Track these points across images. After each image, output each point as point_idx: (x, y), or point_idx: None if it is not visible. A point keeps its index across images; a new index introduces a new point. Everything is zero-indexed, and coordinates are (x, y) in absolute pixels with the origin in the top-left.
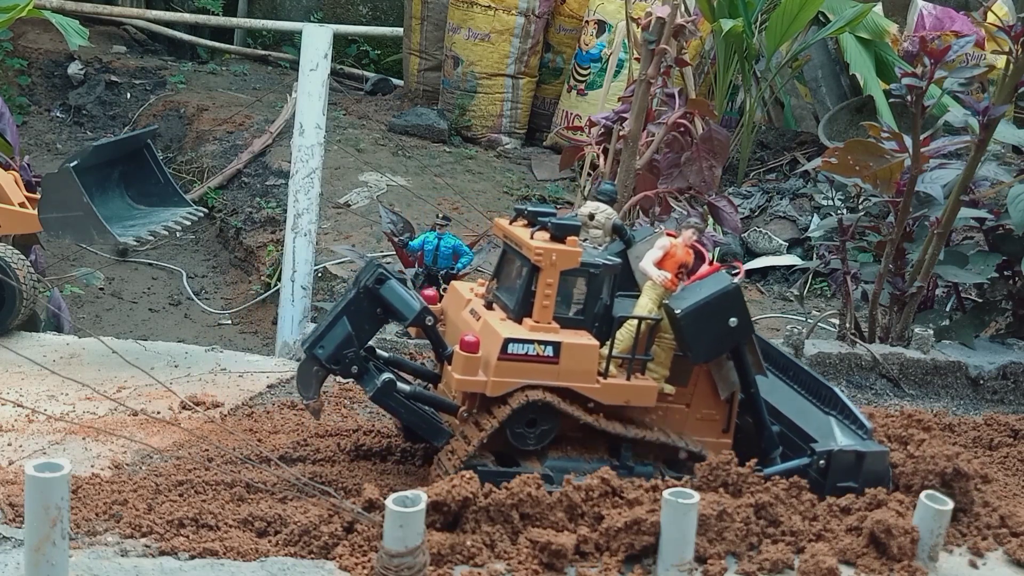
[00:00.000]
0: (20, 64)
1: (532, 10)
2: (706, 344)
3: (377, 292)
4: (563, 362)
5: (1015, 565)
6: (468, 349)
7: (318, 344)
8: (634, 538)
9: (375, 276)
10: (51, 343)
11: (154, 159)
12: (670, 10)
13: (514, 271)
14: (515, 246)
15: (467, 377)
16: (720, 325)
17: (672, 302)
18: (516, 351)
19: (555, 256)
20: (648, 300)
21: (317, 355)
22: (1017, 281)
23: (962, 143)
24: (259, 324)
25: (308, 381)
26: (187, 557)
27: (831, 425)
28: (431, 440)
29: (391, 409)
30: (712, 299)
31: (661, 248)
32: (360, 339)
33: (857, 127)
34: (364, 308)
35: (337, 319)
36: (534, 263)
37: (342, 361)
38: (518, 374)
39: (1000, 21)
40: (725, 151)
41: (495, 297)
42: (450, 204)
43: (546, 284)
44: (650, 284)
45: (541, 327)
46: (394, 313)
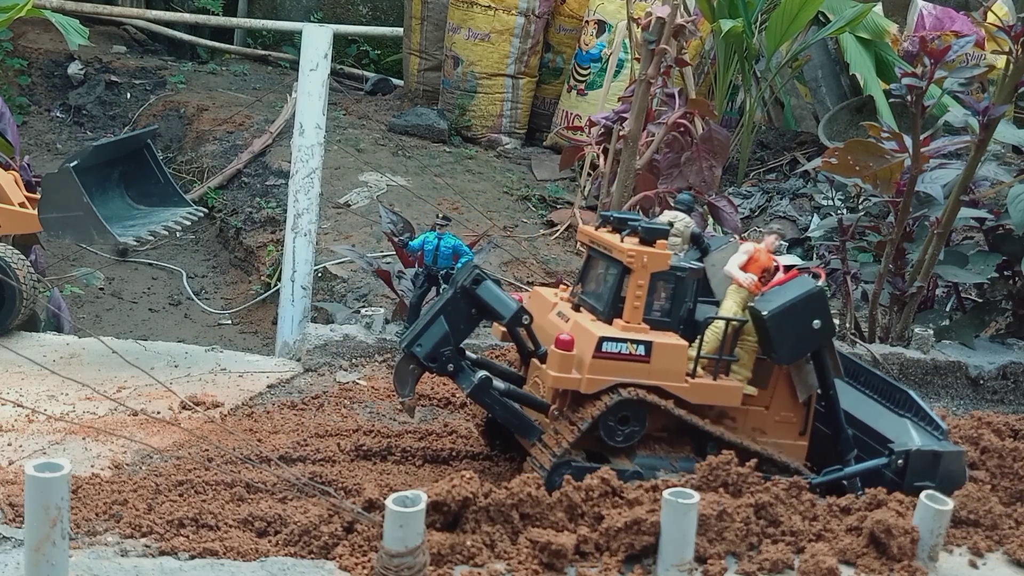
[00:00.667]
0: (20, 64)
1: (532, 10)
2: (790, 346)
3: (474, 292)
4: (654, 361)
5: (1015, 565)
6: (563, 347)
7: (416, 343)
8: (634, 538)
9: (472, 276)
10: (51, 343)
11: (154, 159)
12: (670, 10)
13: (601, 275)
14: (604, 250)
15: (562, 374)
16: (804, 327)
17: (757, 304)
18: (610, 349)
19: (646, 258)
20: (732, 303)
21: (415, 353)
22: (1017, 281)
23: (962, 143)
24: (259, 324)
25: (404, 379)
26: (187, 557)
27: (907, 427)
28: (522, 436)
29: (486, 406)
30: (798, 301)
31: (745, 252)
32: (456, 338)
33: (857, 127)
34: (460, 308)
35: (434, 318)
36: (626, 265)
37: (439, 359)
38: (611, 372)
39: (1000, 21)
40: (725, 151)
41: (581, 300)
42: (450, 204)
43: (637, 286)
44: (734, 288)
45: (632, 327)
46: (490, 312)
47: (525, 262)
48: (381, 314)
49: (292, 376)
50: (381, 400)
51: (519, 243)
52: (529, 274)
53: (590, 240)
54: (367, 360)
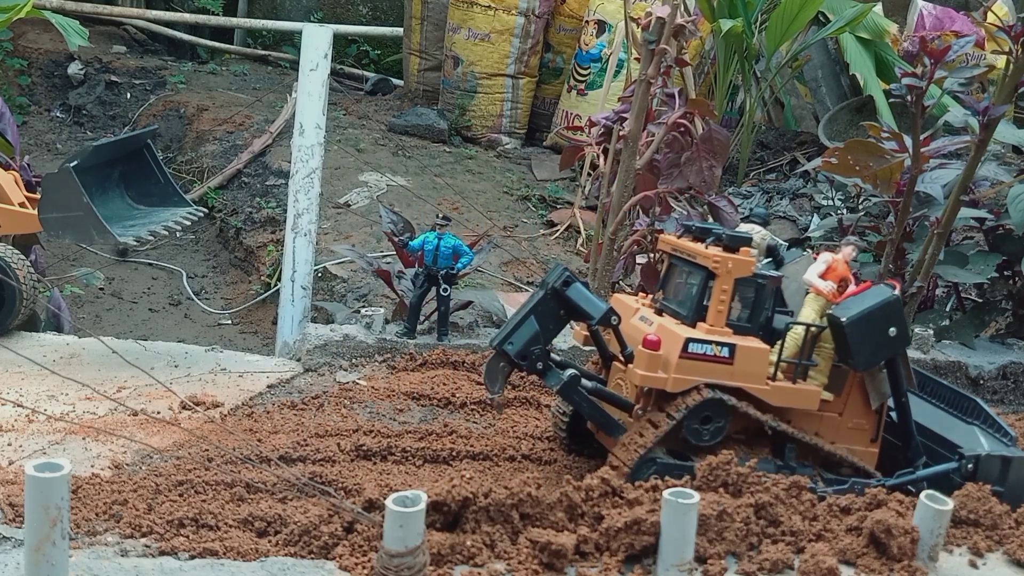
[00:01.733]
0: (20, 64)
1: (532, 10)
2: (867, 352)
3: (564, 293)
4: (737, 363)
5: (1015, 565)
6: (651, 347)
7: (507, 341)
8: (634, 538)
9: (563, 278)
10: (51, 343)
11: (154, 159)
12: (670, 10)
13: (683, 281)
14: (687, 256)
15: (649, 373)
16: (881, 334)
17: (836, 312)
18: (695, 350)
19: (731, 264)
20: (811, 310)
21: (506, 351)
22: (1017, 281)
23: (962, 143)
24: (259, 324)
25: (495, 376)
26: (187, 557)
27: (975, 433)
28: (609, 433)
29: (574, 403)
30: (875, 309)
31: (824, 262)
32: (545, 337)
33: (857, 127)
34: (550, 308)
35: (525, 318)
36: (711, 270)
37: (529, 357)
38: (696, 372)
39: (1000, 21)
40: (725, 151)
41: (664, 306)
42: (450, 204)
43: (721, 290)
44: (812, 296)
45: (716, 330)
46: (580, 313)
47: (525, 262)
48: (381, 314)
49: (292, 376)
50: (381, 400)
51: (519, 243)
52: (529, 274)
53: (672, 248)
54: (367, 360)
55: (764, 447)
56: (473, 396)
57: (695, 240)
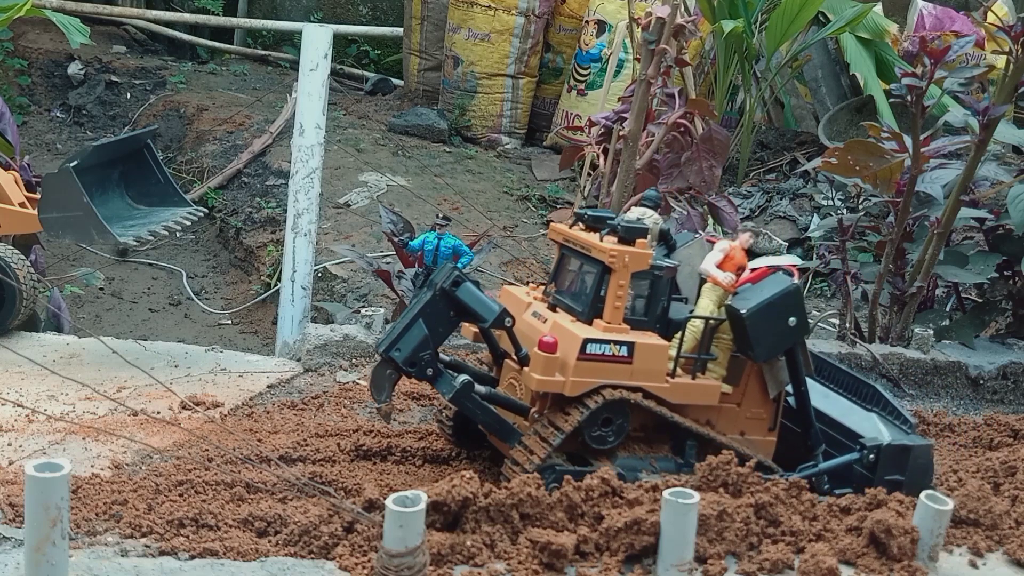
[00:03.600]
0: (20, 64)
1: (532, 10)
2: (768, 343)
3: (454, 294)
4: (636, 362)
5: (1015, 565)
6: (547, 349)
7: (394, 347)
8: (634, 538)
9: (452, 278)
10: (51, 343)
11: (154, 159)
12: (670, 10)
13: (577, 274)
14: (581, 249)
15: (546, 377)
16: (781, 324)
17: (735, 303)
18: (594, 351)
19: (628, 258)
20: (708, 301)
21: (393, 358)
22: (1017, 281)
23: (962, 143)
24: (259, 324)
25: (381, 384)
26: (187, 557)
27: (875, 421)
28: (503, 440)
29: (468, 410)
30: (776, 299)
31: (721, 251)
32: (435, 341)
33: (857, 127)
34: (440, 310)
35: (413, 322)
36: (608, 265)
37: (418, 363)
38: (595, 374)
39: (1000, 21)
40: (725, 151)
41: (557, 300)
42: (450, 204)
43: (618, 285)
44: (709, 286)
45: (613, 328)
46: (472, 315)
47: (525, 262)
48: (381, 314)
49: (292, 376)
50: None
51: (519, 243)
52: (529, 274)
53: (564, 238)
54: (367, 360)
55: (664, 444)
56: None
57: (588, 230)
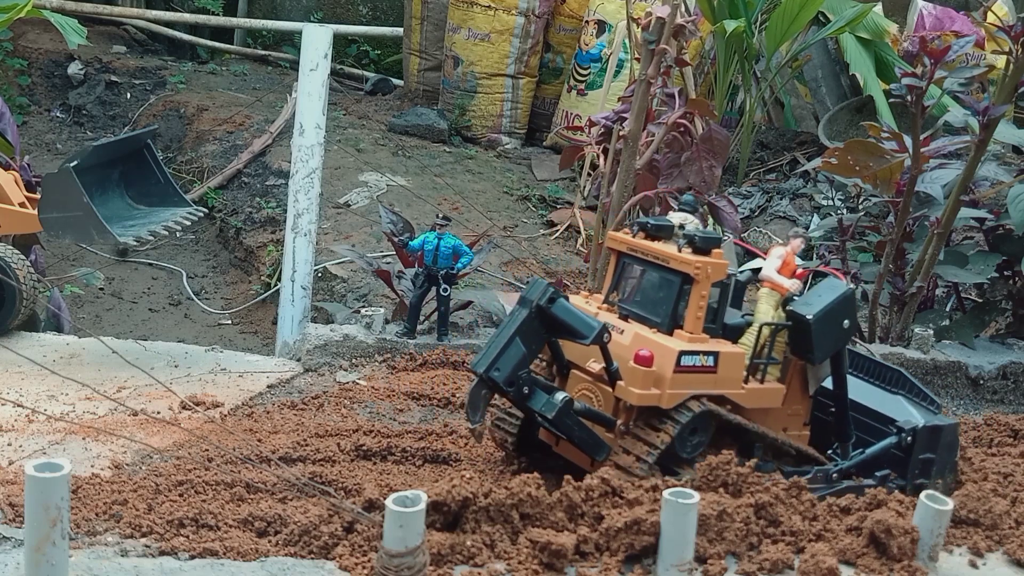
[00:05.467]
0: (20, 64)
1: (532, 10)
2: (826, 346)
3: (550, 311)
4: (720, 371)
5: (1015, 565)
6: (644, 363)
7: (493, 367)
8: (634, 538)
9: (548, 295)
10: (51, 343)
11: (154, 159)
12: (670, 10)
13: (648, 284)
14: (653, 259)
15: (644, 391)
16: (838, 327)
17: (797, 308)
18: (687, 363)
19: (710, 269)
20: (768, 307)
21: (494, 378)
22: (1017, 281)
23: (962, 143)
24: (259, 324)
25: (477, 404)
26: (187, 557)
27: (903, 404)
28: (594, 455)
29: (565, 427)
30: (835, 304)
31: (779, 257)
32: (531, 360)
33: (857, 127)
34: (535, 328)
35: (510, 340)
36: (692, 276)
37: (516, 383)
38: (686, 385)
39: (1000, 21)
40: (725, 151)
41: (627, 310)
42: (450, 204)
43: (700, 296)
44: (766, 291)
45: (696, 338)
46: (569, 331)
47: (525, 262)
48: (381, 314)
49: (292, 376)
50: (381, 400)
51: (519, 243)
52: (529, 274)
53: (628, 248)
54: (367, 360)
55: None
56: None
57: (649, 238)
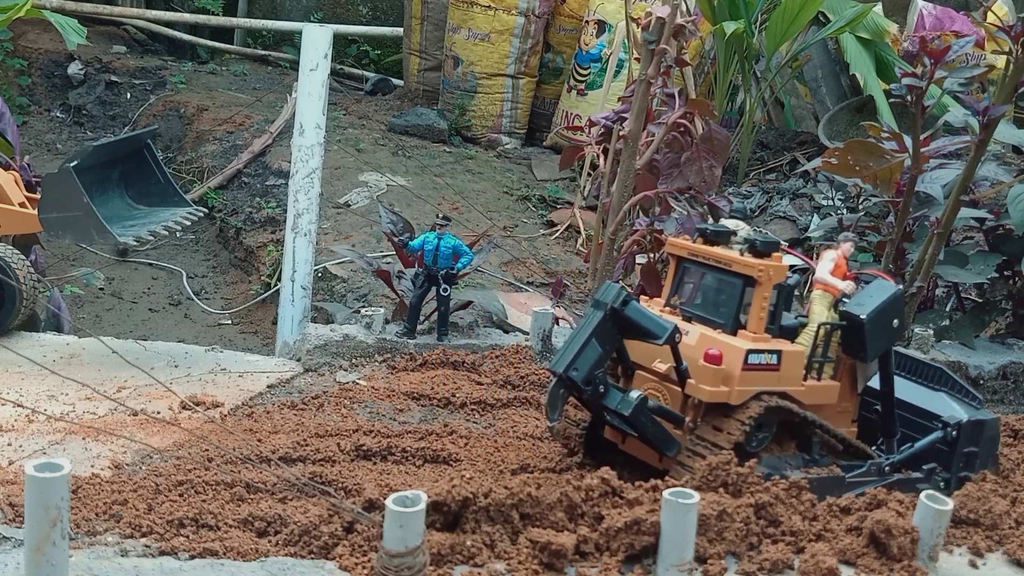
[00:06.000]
0: (20, 64)
1: (532, 10)
2: (877, 345)
3: (623, 313)
4: (783, 368)
5: (1015, 565)
6: (713, 361)
7: (572, 367)
8: (634, 538)
9: (621, 298)
10: (51, 343)
11: (154, 159)
12: (670, 10)
13: (709, 287)
14: (715, 263)
15: (714, 388)
16: (888, 326)
17: (851, 308)
18: (754, 361)
19: (772, 271)
20: (822, 307)
21: (572, 377)
22: (1017, 281)
23: (962, 143)
24: (259, 324)
25: (556, 403)
26: (187, 557)
27: (946, 399)
28: (665, 450)
29: (640, 424)
30: (886, 303)
31: (831, 260)
32: (606, 359)
33: (857, 127)
34: (609, 329)
35: (587, 342)
36: (755, 279)
37: (593, 382)
38: (752, 382)
39: (1000, 21)
40: (725, 151)
41: (690, 313)
42: (450, 204)
43: (762, 297)
44: (819, 293)
45: (760, 338)
46: (642, 332)
47: (525, 262)
48: (381, 314)
49: (292, 376)
50: (381, 400)
51: (519, 243)
52: (529, 274)
53: (688, 253)
54: (367, 360)
55: (791, 443)
56: (473, 396)
57: (707, 243)
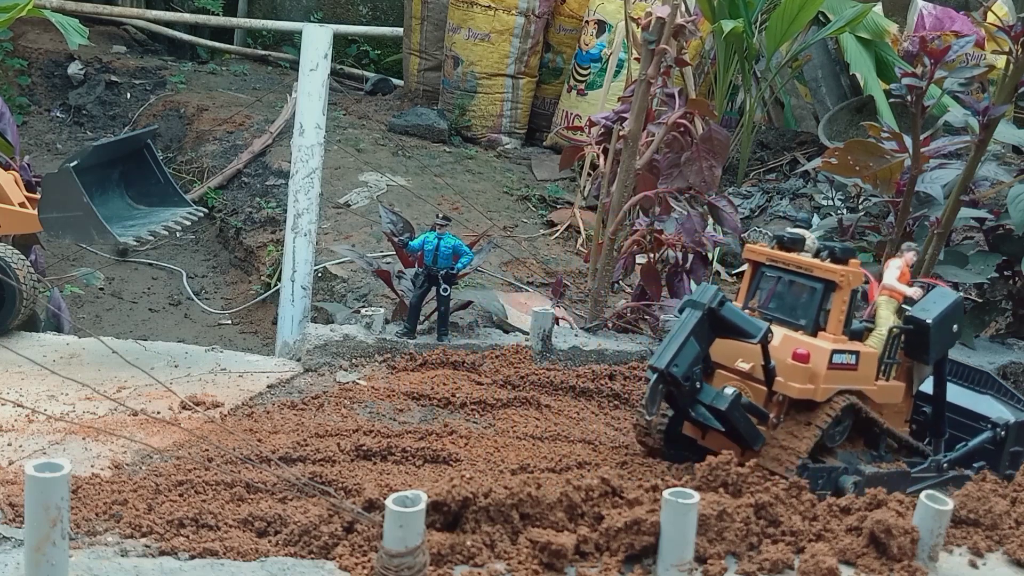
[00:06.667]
0: (20, 64)
1: (532, 10)
2: (939, 348)
3: (719, 313)
4: (860, 368)
5: (1015, 565)
6: (801, 360)
7: (672, 363)
8: (634, 538)
9: (718, 299)
10: (51, 343)
11: (154, 159)
12: (670, 10)
13: (789, 291)
14: (796, 268)
15: (802, 385)
16: (949, 331)
17: (917, 313)
18: (837, 361)
19: (851, 277)
20: (889, 313)
21: (673, 373)
22: (1017, 281)
23: (962, 143)
24: (259, 324)
25: (655, 398)
26: (187, 557)
27: (992, 402)
28: (751, 444)
29: (734, 419)
30: (948, 309)
31: (897, 268)
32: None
33: (857, 127)
34: (705, 329)
35: (686, 340)
36: (837, 283)
37: (691, 378)
38: (835, 381)
39: (1000, 21)
40: (725, 151)
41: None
42: (450, 204)
43: (842, 301)
44: (884, 299)
45: (839, 339)
46: (737, 332)
47: (525, 262)
48: (381, 314)
49: (292, 376)
50: (381, 400)
51: (519, 243)
52: (529, 274)
53: (768, 259)
54: (367, 360)
55: (859, 439)
56: (473, 396)
57: (783, 249)
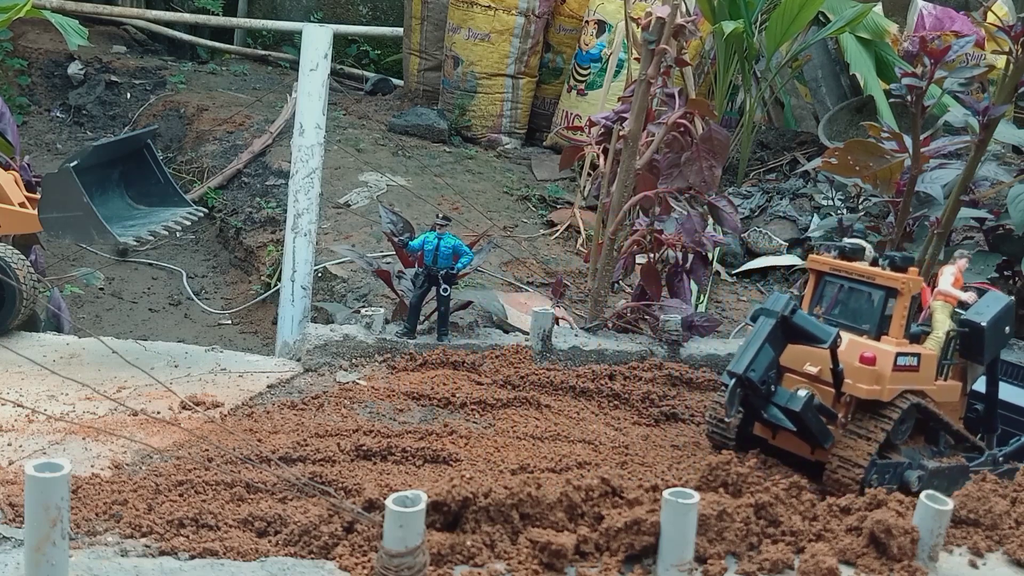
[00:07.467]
0: (20, 64)
1: (532, 10)
2: (992, 349)
3: (792, 320)
4: (921, 370)
5: (1015, 565)
6: (869, 363)
7: (750, 367)
8: (634, 538)
9: (790, 307)
10: (51, 343)
11: (154, 159)
12: (670, 10)
13: (853, 298)
14: (858, 276)
15: (870, 387)
16: (1001, 333)
17: (971, 316)
18: (902, 363)
19: (911, 284)
20: (945, 316)
21: (750, 378)
22: (1017, 281)
23: (962, 143)
24: (259, 324)
25: (734, 401)
26: (187, 557)
27: None
28: (822, 443)
29: (808, 420)
30: (1002, 312)
31: (952, 274)
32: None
33: (857, 127)
34: (778, 335)
35: (762, 346)
36: (899, 290)
37: (767, 382)
38: (899, 382)
39: (1000, 21)
40: (725, 151)
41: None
42: (450, 204)
43: (903, 306)
44: (940, 303)
45: (901, 342)
46: (809, 338)
47: (525, 262)
48: (381, 314)
49: (292, 376)
50: (381, 400)
51: (519, 243)
52: (529, 274)
53: (831, 268)
54: (367, 360)
55: (920, 436)
56: (473, 396)
57: (844, 258)
